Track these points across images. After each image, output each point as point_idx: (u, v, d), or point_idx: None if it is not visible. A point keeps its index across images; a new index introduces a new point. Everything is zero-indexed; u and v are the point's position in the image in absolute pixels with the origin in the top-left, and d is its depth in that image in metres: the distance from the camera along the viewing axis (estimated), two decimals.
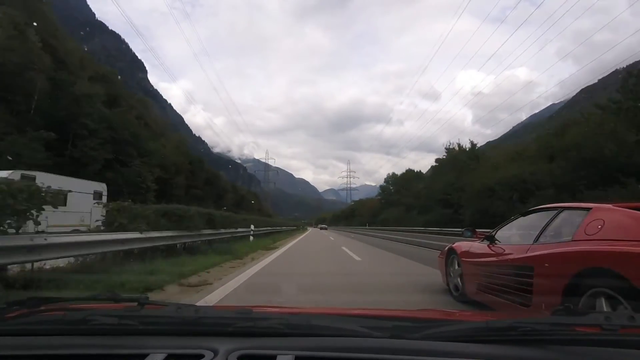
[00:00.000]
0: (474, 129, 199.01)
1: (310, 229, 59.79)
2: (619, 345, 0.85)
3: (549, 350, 0.84)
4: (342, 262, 9.43)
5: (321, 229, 64.70)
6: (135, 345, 0.86)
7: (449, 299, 4.49)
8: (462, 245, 4.64)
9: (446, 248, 5.02)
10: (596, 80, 62.18)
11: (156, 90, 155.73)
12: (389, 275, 7.21)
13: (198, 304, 3.36)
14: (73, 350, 0.86)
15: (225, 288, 5.05)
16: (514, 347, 0.84)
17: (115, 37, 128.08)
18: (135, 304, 1.04)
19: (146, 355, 0.81)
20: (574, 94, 72.79)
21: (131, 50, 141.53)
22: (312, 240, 22.25)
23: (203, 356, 0.80)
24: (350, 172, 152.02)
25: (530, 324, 0.89)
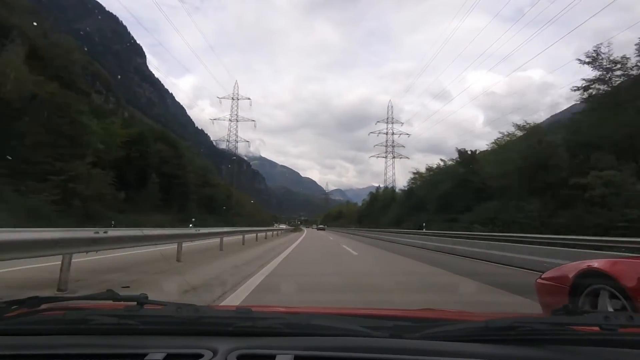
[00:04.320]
0: (485, 131, 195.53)
1: (305, 231, 47.69)
2: (619, 345, 0.85)
3: (549, 350, 0.84)
4: None
5: (318, 229, 59.98)
6: (135, 345, 0.86)
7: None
8: (626, 267, 2.54)
9: (573, 273, 2.75)
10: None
11: (157, 78, 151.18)
12: None
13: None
14: (72, 350, 0.86)
15: None
16: (514, 347, 0.84)
17: (112, 18, 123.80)
18: (135, 303, 1.03)
19: (145, 354, 0.81)
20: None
21: (129, 33, 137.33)
22: None
23: (202, 356, 0.80)
24: (391, 118, 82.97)
25: (529, 323, 0.90)
